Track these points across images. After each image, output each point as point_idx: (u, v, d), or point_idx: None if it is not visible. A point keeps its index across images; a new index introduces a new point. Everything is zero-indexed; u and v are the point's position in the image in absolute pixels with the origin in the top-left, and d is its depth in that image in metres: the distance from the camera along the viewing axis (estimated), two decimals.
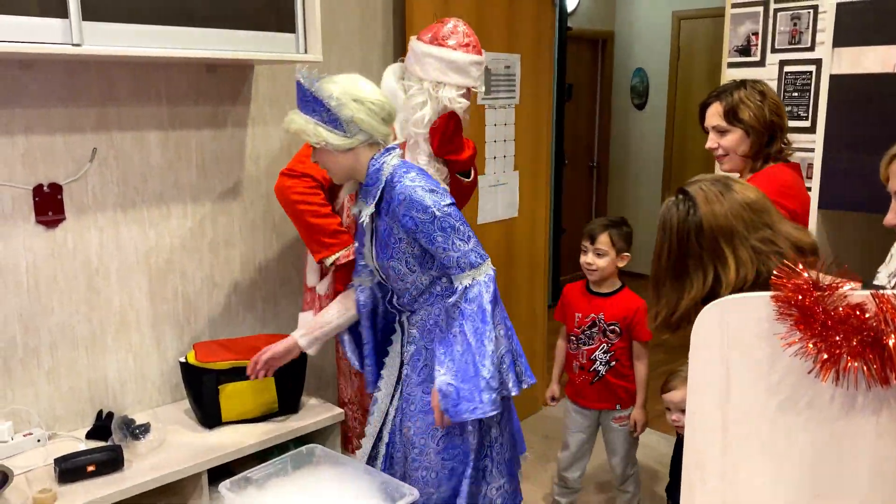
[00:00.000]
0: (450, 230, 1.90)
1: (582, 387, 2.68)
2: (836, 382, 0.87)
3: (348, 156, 1.95)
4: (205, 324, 2.62)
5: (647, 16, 6.31)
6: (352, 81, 1.93)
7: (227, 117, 2.58)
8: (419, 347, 2.10)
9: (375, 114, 1.92)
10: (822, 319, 0.87)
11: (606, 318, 2.60)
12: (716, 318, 1.01)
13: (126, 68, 2.33)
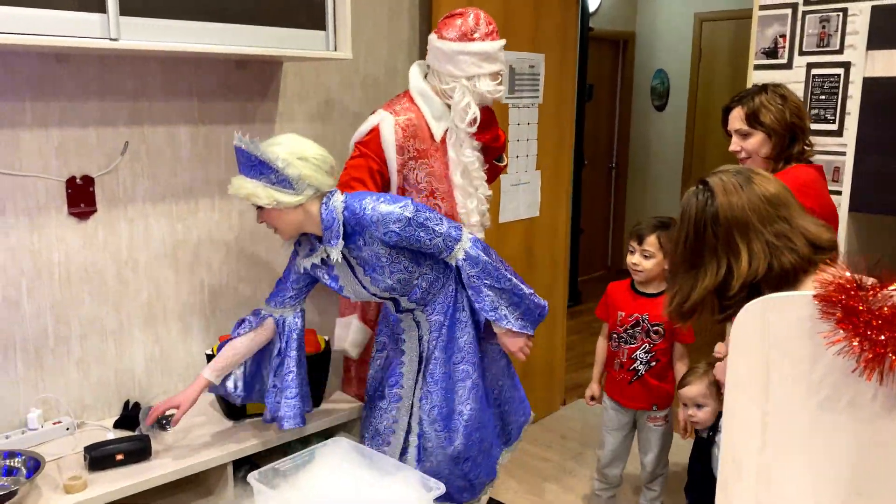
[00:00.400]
0: (425, 222, 2.04)
1: (621, 385, 2.69)
2: (881, 382, 0.88)
3: (298, 211, 2.05)
4: (230, 317, 2.65)
5: (669, 17, 6.29)
6: (293, 141, 2.05)
7: (255, 113, 2.61)
8: (442, 326, 2.19)
9: (320, 168, 2.04)
10: (866, 319, 0.88)
11: (651, 319, 2.60)
12: (757, 315, 1.01)
13: (158, 63, 2.35)
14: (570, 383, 4.18)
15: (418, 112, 2.38)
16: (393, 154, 2.33)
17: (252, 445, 2.27)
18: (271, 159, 1.97)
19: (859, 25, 2.56)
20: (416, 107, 2.38)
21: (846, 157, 1.74)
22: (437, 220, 2.06)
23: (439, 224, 2.06)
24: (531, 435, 3.60)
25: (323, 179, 2.05)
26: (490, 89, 2.33)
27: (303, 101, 2.73)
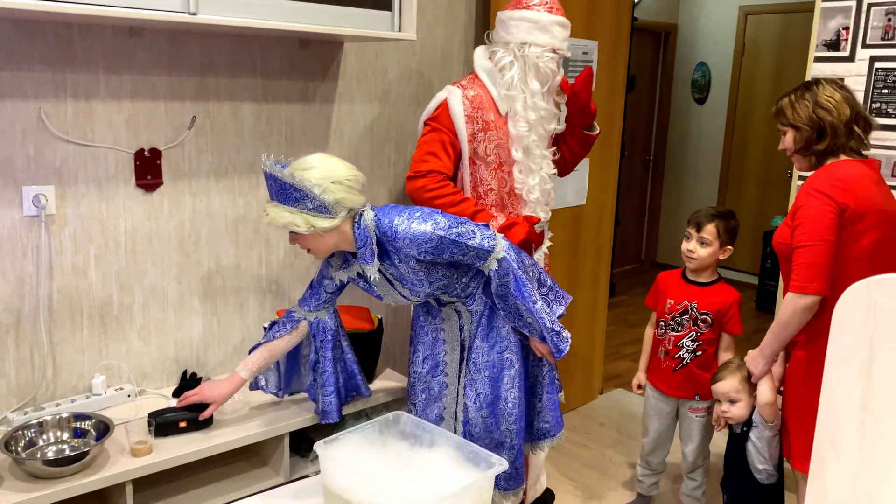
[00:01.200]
0: (457, 237, 2.00)
1: (665, 373, 2.69)
2: None
3: (333, 234, 2.02)
4: (286, 292, 2.69)
5: (713, 10, 6.23)
6: (325, 164, 1.98)
7: (316, 92, 2.64)
8: (482, 316, 2.19)
9: (353, 188, 2.01)
10: None
11: (700, 307, 2.59)
12: (863, 295, 1.02)
13: (225, 40, 2.39)
14: (606, 374, 4.19)
15: (484, 88, 2.42)
16: (462, 124, 2.36)
17: (308, 418, 2.31)
18: (308, 187, 1.93)
19: None
20: (482, 83, 2.43)
21: None
22: (469, 234, 2.03)
23: (472, 237, 2.03)
24: (570, 423, 3.62)
25: (356, 199, 2.02)
26: (539, 54, 2.35)
27: (361, 82, 2.75)
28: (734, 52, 6.12)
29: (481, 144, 2.39)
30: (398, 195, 2.97)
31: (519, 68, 2.36)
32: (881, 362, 1.00)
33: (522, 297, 2.08)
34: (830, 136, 2.09)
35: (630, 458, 3.29)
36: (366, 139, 2.82)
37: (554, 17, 2.36)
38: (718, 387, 2.34)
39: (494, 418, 2.19)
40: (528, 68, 2.35)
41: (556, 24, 2.37)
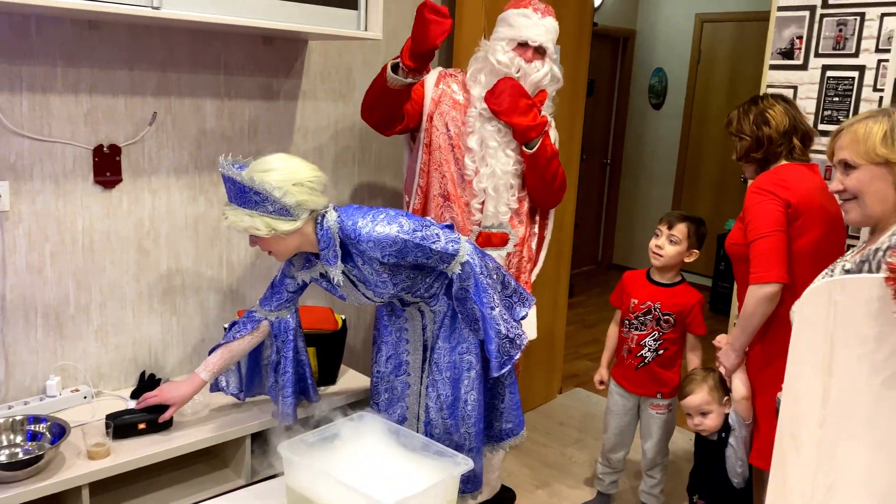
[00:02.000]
0: (421, 241, 1.98)
1: (627, 371, 2.73)
2: None
3: (295, 236, 1.98)
4: (247, 292, 2.66)
5: (670, 16, 6.35)
6: (286, 165, 1.94)
7: (279, 89, 2.61)
8: (444, 316, 2.19)
9: (315, 190, 1.97)
10: None
11: (662, 308, 2.64)
12: (824, 296, 1.05)
13: (187, 35, 2.35)
14: (565, 373, 4.23)
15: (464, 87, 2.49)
16: (431, 85, 2.44)
17: (269, 420, 2.29)
18: (268, 190, 1.88)
19: (876, 31, 2.63)
20: (464, 78, 2.51)
21: None
22: (433, 238, 2.01)
23: (436, 241, 2.02)
24: (530, 422, 3.64)
25: (319, 200, 1.98)
26: (496, 51, 2.38)
27: (326, 80, 2.73)
28: (690, 59, 6.25)
29: (442, 118, 2.44)
30: (363, 193, 2.96)
31: (481, 62, 2.39)
32: (840, 360, 1.04)
33: (480, 302, 2.09)
34: (767, 146, 2.27)
35: (590, 457, 3.34)
36: (330, 137, 2.80)
37: (516, 11, 2.40)
38: (688, 402, 2.37)
39: (454, 420, 2.20)
40: (486, 63, 2.38)
41: (516, 15, 2.39)
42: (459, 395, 2.18)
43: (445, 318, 2.19)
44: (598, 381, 2.85)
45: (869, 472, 1.02)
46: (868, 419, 1.02)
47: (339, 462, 1.83)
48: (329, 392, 2.51)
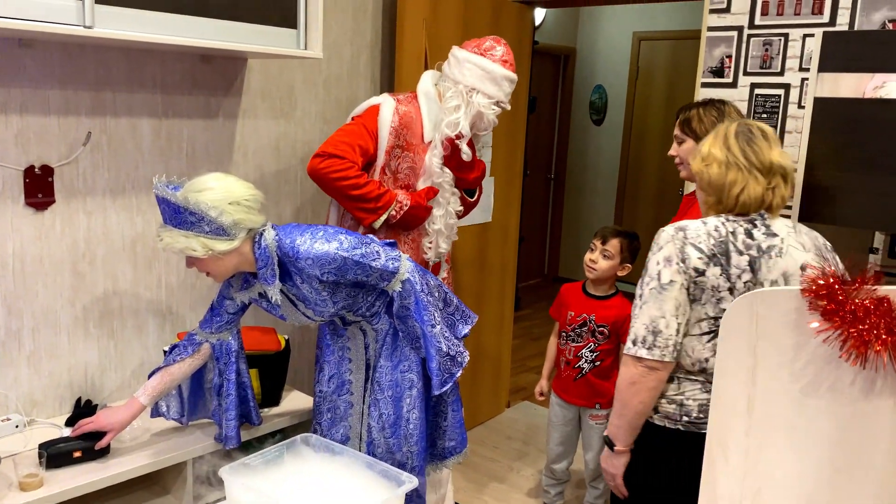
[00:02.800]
0: (361, 258, 1.97)
1: (566, 382, 2.79)
2: (863, 366, 0.97)
3: (233, 256, 1.96)
4: (187, 314, 2.61)
5: (609, 35, 6.51)
6: (221, 185, 1.93)
7: (218, 108, 2.59)
8: (386, 335, 2.19)
9: (252, 208, 1.96)
10: (850, 310, 0.97)
11: (597, 320, 2.70)
12: (746, 308, 1.09)
13: (122, 54, 2.31)
14: (512, 387, 4.27)
15: (418, 110, 2.48)
16: (386, 134, 2.41)
17: (211, 444, 2.25)
18: (203, 210, 1.86)
19: (799, 50, 2.75)
20: (418, 106, 2.49)
21: (796, 172, 1.87)
22: (373, 256, 2.01)
23: (376, 259, 2.01)
24: (478, 437, 3.66)
25: (256, 219, 1.96)
26: (484, 104, 2.42)
27: (266, 98, 2.72)
28: (629, 76, 6.42)
29: (395, 160, 2.43)
30: (306, 212, 2.94)
31: (465, 114, 2.41)
32: (763, 370, 1.08)
33: (421, 320, 2.09)
34: None
35: (537, 470, 3.36)
36: (271, 156, 2.79)
37: (506, 73, 2.46)
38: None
39: (396, 439, 2.19)
40: (468, 113, 2.41)
41: (506, 80, 2.47)
42: (401, 413, 2.18)
43: (387, 336, 2.19)
44: (539, 392, 2.90)
45: (792, 477, 1.06)
46: (789, 426, 1.07)
47: (283, 484, 1.81)
48: (272, 413, 2.47)
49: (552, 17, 6.30)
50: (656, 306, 1.63)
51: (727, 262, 1.60)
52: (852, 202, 1.77)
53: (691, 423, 1.62)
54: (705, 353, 1.59)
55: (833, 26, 2.66)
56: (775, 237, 1.63)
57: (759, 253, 1.60)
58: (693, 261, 1.61)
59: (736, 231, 1.64)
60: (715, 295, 1.57)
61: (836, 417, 1.03)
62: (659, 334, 1.61)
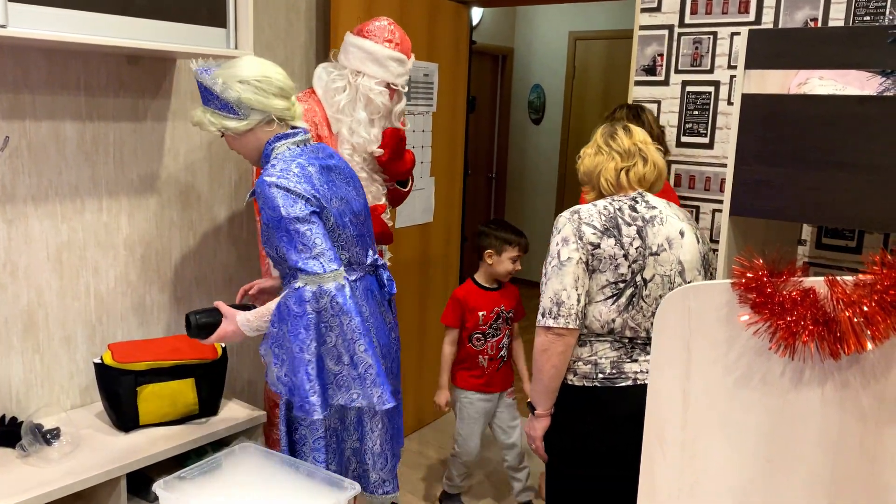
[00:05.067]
0: (294, 234, 1.82)
1: (489, 376, 2.89)
2: (792, 357, 0.99)
3: (250, 137, 1.97)
4: (118, 324, 2.52)
5: (545, 34, 6.58)
6: (238, 63, 1.95)
7: (147, 110, 2.50)
8: None
9: (264, 90, 1.92)
10: (778, 302, 0.99)
11: (506, 308, 2.88)
12: (679, 303, 1.10)
13: (43, 55, 2.21)
14: None
15: (320, 104, 2.48)
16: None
17: (147, 457, 2.17)
18: (210, 84, 1.90)
19: (727, 48, 2.81)
20: (317, 99, 2.48)
21: (727, 167, 1.91)
22: (304, 244, 1.82)
23: (304, 249, 1.82)
24: (426, 438, 3.64)
25: (268, 102, 1.91)
26: (370, 86, 2.39)
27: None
28: (566, 75, 6.49)
29: None
30: (241, 217, 2.87)
31: (349, 95, 2.40)
32: (697, 363, 1.09)
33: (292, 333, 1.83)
34: None
35: (481, 468, 3.37)
36: (204, 159, 2.71)
37: (390, 52, 2.41)
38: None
39: None
40: (358, 97, 2.39)
41: (391, 59, 2.41)
42: None
43: None
44: (444, 403, 2.91)
45: (727, 469, 1.07)
46: (723, 419, 1.08)
47: (221, 496, 1.76)
48: (211, 423, 2.40)
49: (489, 17, 6.32)
50: (558, 281, 1.87)
51: (619, 233, 1.88)
52: (781, 196, 1.81)
53: (606, 379, 1.88)
54: (611, 315, 1.87)
55: (759, 24, 2.73)
56: (655, 209, 1.95)
57: (643, 223, 1.91)
58: (588, 237, 1.88)
59: (622, 207, 1.94)
60: (612, 262, 1.86)
61: (768, 409, 1.05)
62: (562, 305, 1.86)
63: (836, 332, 0.92)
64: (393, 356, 2.22)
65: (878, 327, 0.89)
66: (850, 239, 2.57)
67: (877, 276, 0.91)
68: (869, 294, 0.91)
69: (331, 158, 2.05)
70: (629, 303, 1.86)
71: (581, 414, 1.93)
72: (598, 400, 1.89)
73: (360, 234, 2.08)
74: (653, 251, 1.89)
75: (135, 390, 2.27)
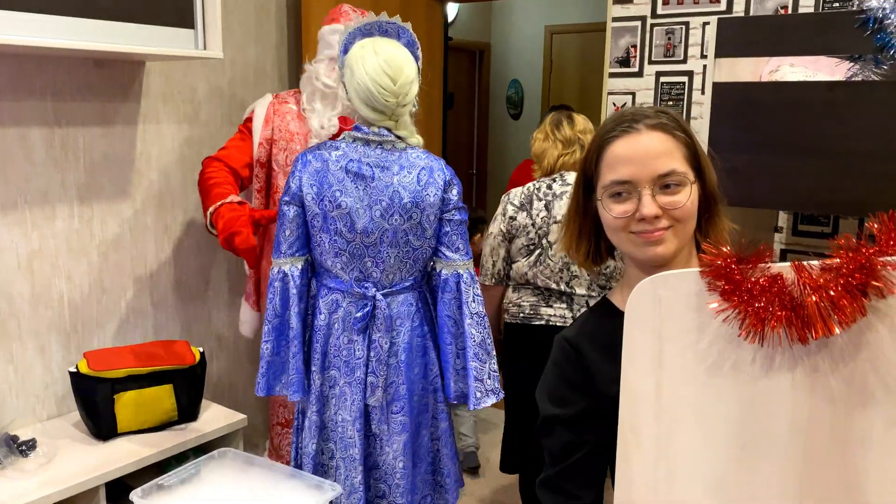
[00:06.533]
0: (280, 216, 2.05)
1: None
2: (761, 343, 0.98)
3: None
4: (93, 331, 2.49)
5: (521, 29, 6.57)
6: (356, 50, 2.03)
7: (116, 114, 2.47)
8: None
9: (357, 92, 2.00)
10: (747, 288, 0.98)
11: None
12: (649, 292, 1.09)
13: (5, 60, 2.18)
14: None
15: (297, 102, 2.48)
16: (259, 127, 2.41)
17: (126, 465, 2.14)
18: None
19: (700, 38, 2.82)
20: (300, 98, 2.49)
21: None
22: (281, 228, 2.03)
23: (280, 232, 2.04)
24: None
25: (359, 107, 1.98)
26: (318, 71, 2.37)
27: (168, 103, 2.61)
28: (543, 70, 6.49)
29: (282, 153, 2.40)
30: None
31: (308, 86, 2.38)
32: (668, 353, 1.08)
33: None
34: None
35: None
36: (177, 162, 2.68)
37: (331, 27, 2.39)
38: None
39: None
40: (314, 87, 2.37)
41: (333, 33, 2.37)
42: None
43: None
44: None
45: (701, 459, 1.07)
46: (696, 408, 1.07)
47: (200, 502, 1.74)
48: (191, 429, 2.38)
49: (465, 13, 6.31)
50: (487, 249, 2.59)
51: (531, 207, 2.49)
52: (755, 184, 1.82)
53: (525, 317, 2.52)
54: (525, 269, 2.50)
55: (730, 14, 2.74)
56: (569, 185, 2.45)
57: (553, 198, 2.48)
58: (510, 212, 2.53)
59: (540, 186, 2.53)
60: (525, 230, 2.48)
61: (740, 395, 1.05)
62: (485, 267, 2.61)
63: (804, 317, 0.92)
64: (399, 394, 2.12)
65: (844, 311, 0.89)
66: (825, 225, 2.59)
67: (843, 261, 0.91)
68: (835, 278, 0.90)
69: (371, 168, 1.98)
70: (537, 260, 2.47)
71: (508, 344, 2.60)
72: (519, 334, 2.54)
73: (351, 252, 2.02)
74: (556, 220, 2.46)
75: (112, 398, 2.24)
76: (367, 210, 1.96)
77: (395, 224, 1.98)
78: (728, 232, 1.28)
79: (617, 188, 1.21)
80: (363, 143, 1.99)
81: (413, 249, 2.02)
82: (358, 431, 2.06)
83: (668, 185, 1.19)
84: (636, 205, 1.19)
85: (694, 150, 1.23)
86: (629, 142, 1.22)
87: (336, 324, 2.06)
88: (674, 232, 1.20)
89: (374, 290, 2.03)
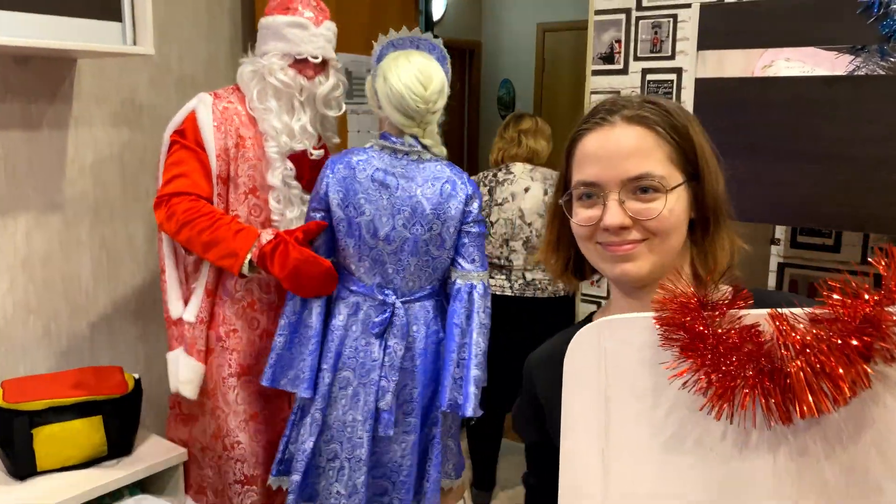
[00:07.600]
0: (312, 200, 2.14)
1: None
2: (730, 420, 0.74)
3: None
4: (20, 357, 2.26)
5: (513, 27, 6.34)
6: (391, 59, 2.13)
7: (42, 117, 2.24)
8: None
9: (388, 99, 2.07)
10: (712, 344, 0.74)
11: None
12: (593, 342, 0.86)
13: None
14: None
15: (242, 101, 2.20)
16: (210, 137, 2.10)
17: None
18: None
19: (689, 32, 2.58)
20: (241, 95, 2.21)
21: None
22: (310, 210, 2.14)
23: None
24: None
25: (390, 112, 2.05)
26: (269, 64, 2.13)
27: (102, 104, 2.39)
28: (535, 68, 6.25)
29: (234, 163, 2.14)
30: None
31: (258, 82, 2.14)
32: (617, 421, 0.85)
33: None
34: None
35: None
36: (115, 170, 2.45)
37: (286, 19, 2.13)
38: None
39: None
40: (267, 84, 2.13)
41: (289, 26, 2.12)
42: None
43: None
44: None
45: None
46: (651, 489, 0.84)
47: None
48: (125, 464, 2.15)
49: (453, 11, 6.08)
50: None
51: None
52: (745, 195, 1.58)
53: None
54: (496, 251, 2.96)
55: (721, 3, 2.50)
56: (511, 174, 3.05)
57: (496, 184, 3.01)
58: None
59: (487, 175, 3.07)
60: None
61: (706, 480, 0.81)
62: None
63: (785, 388, 0.68)
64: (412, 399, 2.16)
65: (838, 383, 0.65)
66: (827, 237, 2.35)
67: (837, 312, 0.66)
68: (828, 337, 0.66)
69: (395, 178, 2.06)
70: None
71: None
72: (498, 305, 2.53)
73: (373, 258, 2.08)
74: (497, 202, 2.95)
75: (30, 433, 2.02)
76: (389, 218, 2.03)
77: (417, 233, 2.05)
78: (734, 253, 1.03)
79: (584, 189, 0.99)
80: (390, 153, 2.07)
81: (432, 259, 2.09)
82: (367, 433, 2.07)
83: (646, 189, 0.95)
84: (602, 211, 0.96)
85: (685, 150, 0.99)
86: (599, 137, 0.99)
87: (354, 325, 2.10)
88: (648, 247, 0.95)
89: (395, 297, 2.09)
